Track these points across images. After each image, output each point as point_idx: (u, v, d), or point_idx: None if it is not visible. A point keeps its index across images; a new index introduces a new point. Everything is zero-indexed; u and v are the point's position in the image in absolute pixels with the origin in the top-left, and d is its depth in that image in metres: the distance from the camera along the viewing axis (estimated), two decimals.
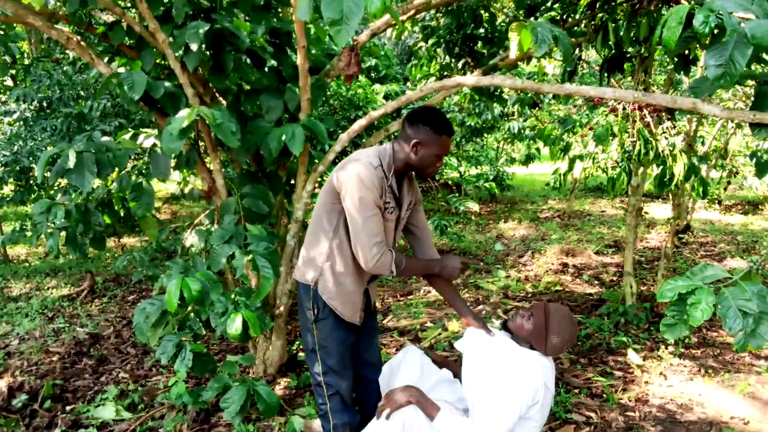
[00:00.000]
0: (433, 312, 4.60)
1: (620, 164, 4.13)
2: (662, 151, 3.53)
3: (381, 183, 2.08)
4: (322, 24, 3.29)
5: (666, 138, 3.80)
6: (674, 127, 4.03)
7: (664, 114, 3.86)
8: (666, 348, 3.68)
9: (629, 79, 6.06)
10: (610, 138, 3.67)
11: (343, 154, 5.93)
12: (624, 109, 3.71)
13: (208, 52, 2.89)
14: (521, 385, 1.99)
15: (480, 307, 4.69)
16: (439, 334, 4.07)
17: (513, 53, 2.40)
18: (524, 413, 1.99)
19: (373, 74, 7.96)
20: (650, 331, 3.95)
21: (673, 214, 4.61)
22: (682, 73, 3.35)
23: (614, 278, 5.35)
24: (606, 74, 3.79)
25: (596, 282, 5.28)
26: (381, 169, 2.10)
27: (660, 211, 8.88)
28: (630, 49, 3.78)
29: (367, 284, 2.34)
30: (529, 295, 4.96)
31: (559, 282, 5.27)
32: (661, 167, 3.47)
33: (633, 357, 3.57)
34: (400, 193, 2.27)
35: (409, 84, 8.49)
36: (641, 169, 4.07)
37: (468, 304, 2.62)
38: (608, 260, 6.07)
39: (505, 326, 2.32)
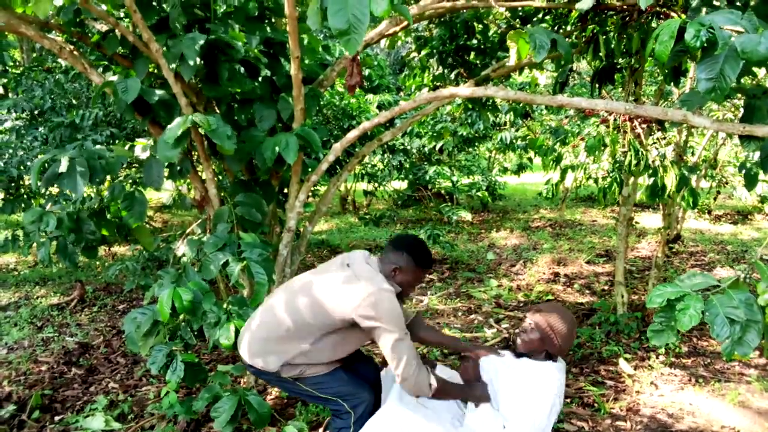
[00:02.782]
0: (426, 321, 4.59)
1: (611, 174, 4.16)
2: (653, 162, 3.56)
3: (401, 308, 2.22)
4: (315, 34, 3.31)
5: (656, 149, 3.83)
6: (664, 137, 4.07)
7: (654, 125, 3.90)
8: (657, 357, 3.70)
9: (620, 90, 6.13)
10: (602, 148, 3.70)
11: (337, 163, 5.94)
12: (615, 120, 3.74)
13: (202, 62, 2.89)
14: (543, 392, 2.08)
15: (472, 316, 4.70)
16: None
17: (512, 60, 2.42)
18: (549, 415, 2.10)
19: (366, 84, 7.99)
20: (641, 341, 3.97)
21: (663, 224, 4.64)
22: (672, 84, 3.39)
23: (605, 287, 5.37)
24: (597, 85, 3.83)
25: (587, 291, 5.30)
26: (395, 294, 2.21)
27: (650, 220, 8.93)
28: (621, 61, 3.82)
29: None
30: (521, 304, 4.97)
31: (550, 291, 5.29)
32: (653, 178, 3.50)
33: (624, 366, 3.58)
34: None
35: (401, 94, 8.53)
36: (632, 180, 4.10)
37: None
38: (599, 270, 6.09)
39: (518, 353, 2.39)
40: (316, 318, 2.18)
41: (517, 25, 3.83)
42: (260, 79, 3.15)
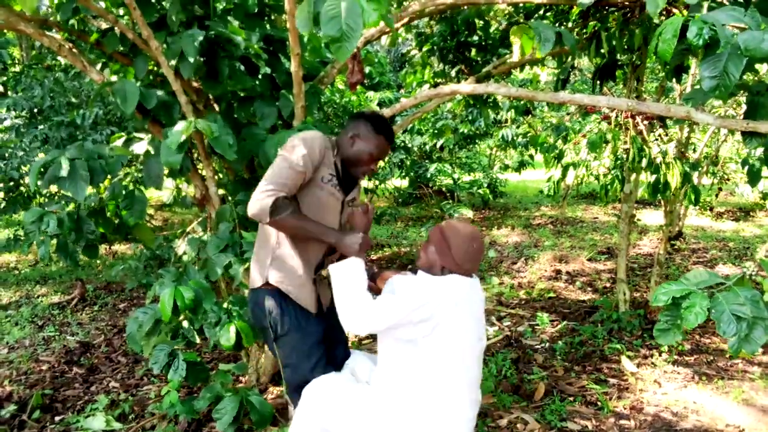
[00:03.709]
0: None
1: (612, 171, 4.15)
2: (655, 158, 3.54)
3: (325, 153, 2.07)
4: (317, 32, 3.30)
5: (658, 145, 3.82)
6: (666, 134, 4.05)
7: (656, 121, 3.89)
8: (660, 355, 3.68)
9: (621, 86, 6.11)
10: (603, 145, 3.68)
11: None
12: (617, 116, 3.73)
13: (202, 59, 2.88)
14: (411, 294, 1.91)
15: None
16: None
17: (515, 56, 2.41)
18: (406, 320, 1.88)
19: (366, 81, 7.97)
20: (644, 338, 3.95)
21: (665, 221, 4.63)
22: (674, 80, 3.38)
23: (607, 285, 5.36)
24: (598, 82, 3.81)
25: (589, 289, 5.29)
26: (329, 142, 2.11)
27: (652, 217, 8.91)
28: (622, 57, 3.81)
29: (314, 274, 2.22)
30: (523, 302, 4.96)
31: (552, 289, 5.28)
32: (655, 175, 3.49)
33: (627, 364, 3.57)
34: (347, 179, 2.23)
35: (402, 91, 8.50)
36: (634, 176, 4.08)
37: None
38: (601, 267, 6.08)
39: (415, 270, 2.19)
40: None
41: (521, 21, 3.81)
42: (260, 76, 3.13)
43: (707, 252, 6.71)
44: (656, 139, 3.89)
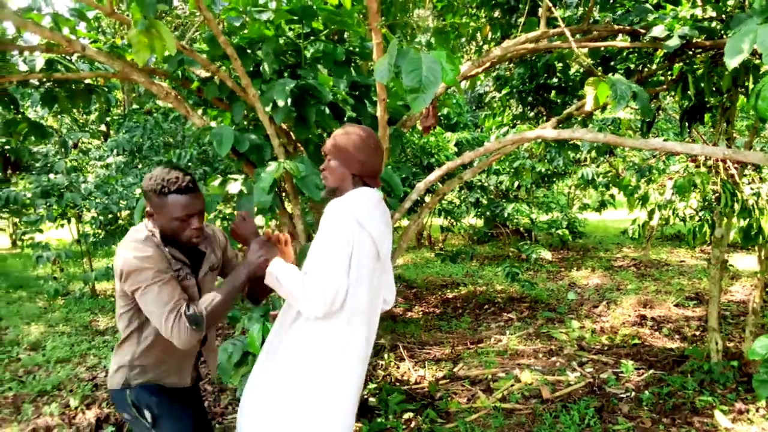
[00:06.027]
0: (505, 362, 4.52)
1: (700, 214, 3.99)
2: (747, 201, 3.40)
3: (156, 252, 1.82)
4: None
5: (751, 188, 3.66)
6: (760, 177, 3.88)
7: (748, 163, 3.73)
8: (757, 411, 3.46)
9: (710, 127, 5.90)
10: (692, 188, 3.57)
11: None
12: (706, 158, 3.61)
13: (292, 107, 3.06)
14: (335, 230, 1.75)
15: (553, 358, 4.57)
16: (512, 385, 3.99)
17: (589, 106, 2.42)
18: (350, 253, 1.75)
19: (444, 122, 8.08)
20: (738, 392, 3.73)
21: (760, 268, 4.37)
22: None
23: (697, 333, 5.09)
24: (686, 124, 3.72)
25: (677, 336, 5.05)
26: (151, 239, 1.85)
27: (745, 262, 8.41)
28: (711, 100, 3.71)
29: (201, 346, 2.09)
30: (606, 348, 4.79)
31: (636, 335, 5.07)
32: (747, 219, 3.34)
33: (720, 419, 3.37)
34: (191, 256, 2.01)
35: (479, 131, 8.55)
36: (725, 220, 3.91)
37: None
38: (689, 313, 5.79)
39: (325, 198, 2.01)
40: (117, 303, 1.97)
41: (598, 72, 3.80)
42: (346, 119, 3.28)
43: None
44: (749, 182, 3.73)
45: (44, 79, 3.17)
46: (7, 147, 4.64)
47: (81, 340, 5.30)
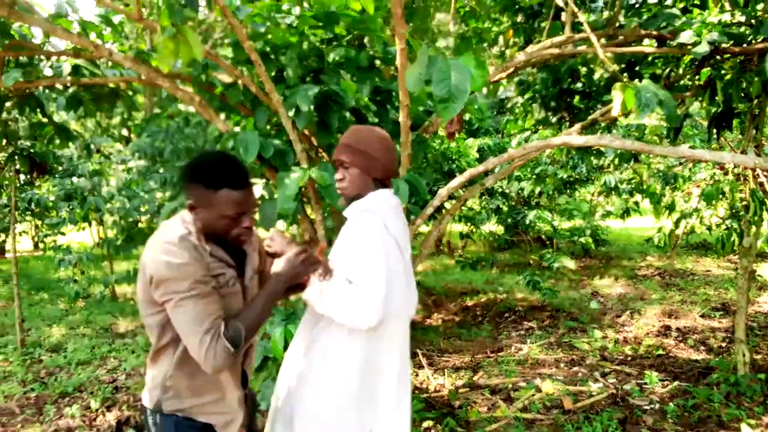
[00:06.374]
0: (526, 371, 4.46)
1: (727, 222, 3.91)
2: None
3: (193, 257, 1.52)
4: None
5: None
6: None
7: None
8: None
9: (738, 134, 5.79)
10: (719, 197, 3.50)
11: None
12: (735, 166, 3.54)
13: (314, 112, 3.06)
14: (369, 241, 1.71)
15: (575, 368, 4.50)
16: (533, 395, 3.93)
17: (615, 111, 2.38)
18: (386, 259, 1.71)
19: (466, 127, 8.05)
20: (766, 405, 3.63)
21: None
22: None
23: (723, 344, 4.98)
24: (714, 130, 3.65)
25: (703, 348, 4.94)
26: (188, 240, 1.55)
27: None
28: (740, 106, 3.63)
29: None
30: (629, 359, 4.71)
31: (661, 345, 4.98)
32: None
33: None
34: (236, 257, 1.72)
35: (500, 136, 8.50)
36: (753, 229, 3.83)
37: None
38: (716, 324, 5.67)
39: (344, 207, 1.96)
40: (141, 309, 1.67)
41: (624, 78, 3.75)
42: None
43: None
44: None
45: (70, 83, 3.22)
46: (32, 150, 4.72)
47: (101, 343, 5.36)
